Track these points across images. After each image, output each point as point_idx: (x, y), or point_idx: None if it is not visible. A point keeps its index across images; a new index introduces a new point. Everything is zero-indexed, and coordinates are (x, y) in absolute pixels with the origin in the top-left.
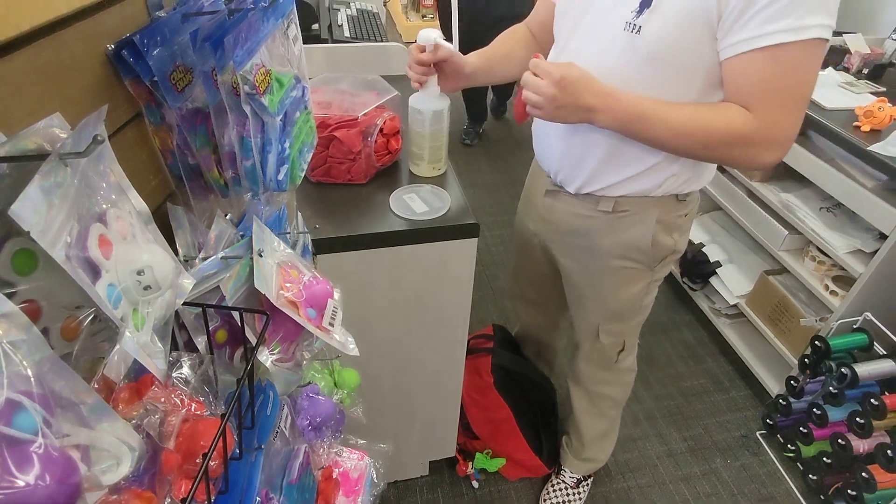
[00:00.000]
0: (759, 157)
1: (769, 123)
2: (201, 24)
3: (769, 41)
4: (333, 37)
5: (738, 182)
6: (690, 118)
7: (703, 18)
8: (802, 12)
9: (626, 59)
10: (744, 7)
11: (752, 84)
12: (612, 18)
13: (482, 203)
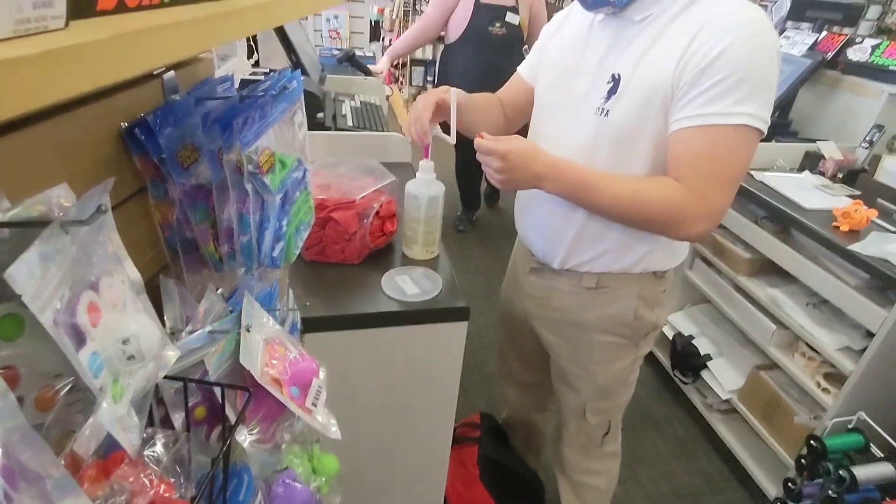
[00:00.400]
0: (689, 228)
1: (698, 196)
2: (213, 107)
3: (703, 121)
4: (337, 125)
5: (724, 276)
6: (628, 188)
7: (659, 98)
8: (735, 100)
9: (595, 138)
10: (688, 90)
11: (687, 157)
12: (584, 107)
13: (473, 288)
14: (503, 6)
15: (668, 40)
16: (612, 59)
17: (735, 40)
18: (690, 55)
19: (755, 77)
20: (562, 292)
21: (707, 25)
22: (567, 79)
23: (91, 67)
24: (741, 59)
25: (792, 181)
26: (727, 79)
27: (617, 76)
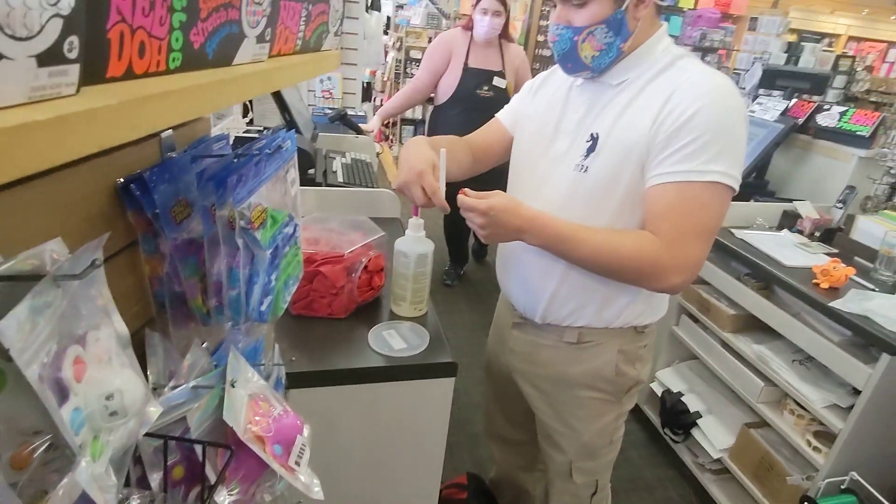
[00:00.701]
0: (666, 280)
1: (674, 249)
2: (208, 165)
3: (678, 178)
4: (328, 181)
5: (710, 332)
6: (605, 241)
7: (635, 155)
8: (707, 159)
9: (574, 191)
10: (663, 148)
11: (663, 211)
12: (564, 163)
13: (461, 343)
14: (491, 71)
15: (643, 103)
16: (591, 119)
17: (706, 104)
18: (665, 116)
19: (725, 138)
20: (544, 347)
21: (679, 89)
22: (547, 136)
23: (100, 131)
24: (712, 120)
25: (771, 239)
26: (699, 139)
27: (595, 135)
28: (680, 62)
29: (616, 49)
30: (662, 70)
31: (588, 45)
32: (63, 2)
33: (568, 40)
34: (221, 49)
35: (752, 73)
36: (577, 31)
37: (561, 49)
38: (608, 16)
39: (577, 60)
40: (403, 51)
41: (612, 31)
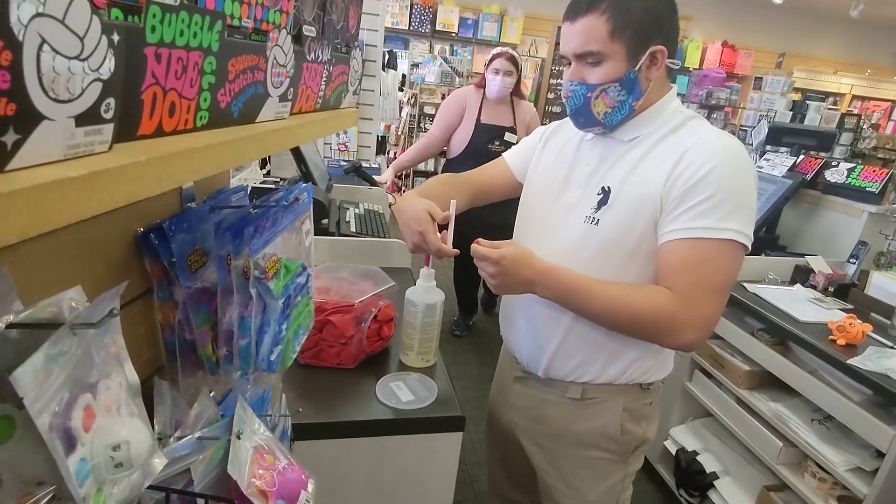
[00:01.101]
0: (681, 337)
1: (689, 305)
2: (226, 215)
3: (692, 234)
4: (340, 231)
5: (725, 388)
6: (619, 295)
7: (648, 211)
8: (720, 217)
9: (584, 244)
10: (676, 205)
11: (677, 267)
12: (574, 214)
13: (468, 396)
14: (502, 126)
15: (655, 160)
16: (602, 172)
17: (719, 163)
18: (678, 174)
19: (738, 197)
20: (546, 403)
21: (692, 149)
22: (556, 187)
23: (129, 185)
24: (725, 180)
25: (785, 294)
26: (713, 196)
27: (607, 188)
28: (690, 123)
29: (628, 107)
30: (674, 129)
31: (601, 102)
32: (104, 67)
33: (581, 96)
34: (246, 108)
35: (759, 130)
36: (590, 88)
37: (574, 104)
38: (622, 75)
39: (590, 116)
40: (417, 106)
41: (625, 89)
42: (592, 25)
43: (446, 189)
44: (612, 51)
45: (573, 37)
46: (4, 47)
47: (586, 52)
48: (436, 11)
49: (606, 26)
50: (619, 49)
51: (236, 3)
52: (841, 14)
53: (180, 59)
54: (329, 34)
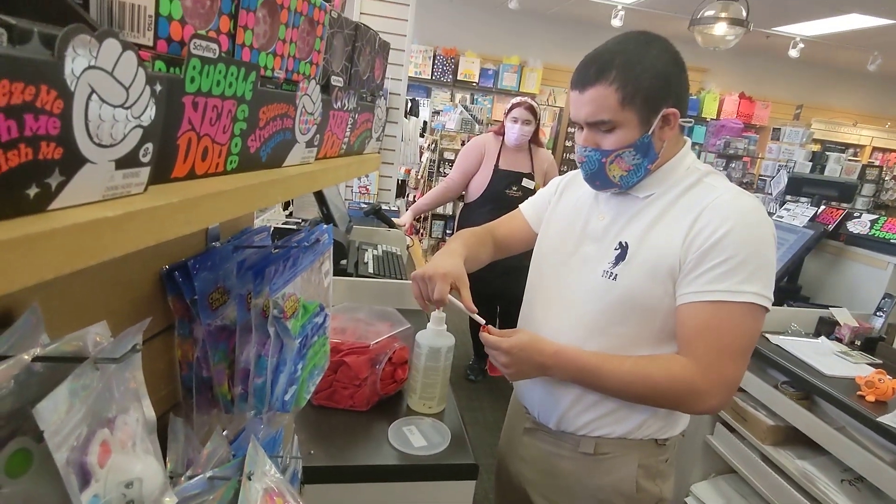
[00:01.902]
0: (703, 403)
1: (708, 370)
2: (248, 255)
3: (710, 297)
4: (358, 272)
5: (749, 444)
6: (632, 370)
7: (666, 270)
8: (740, 280)
9: (602, 298)
10: (694, 266)
11: (696, 330)
12: (591, 269)
13: (481, 443)
14: (520, 172)
15: (672, 219)
16: (619, 227)
17: (736, 224)
18: (696, 233)
19: (757, 259)
20: (558, 457)
21: (708, 208)
22: (572, 241)
23: (160, 226)
24: (743, 241)
25: (809, 346)
26: (732, 259)
27: (625, 244)
28: (707, 179)
29: (644, 169)
30: (690, 187)
31: (616, 167)
32: (146, 114)
33: (596, 162)
34: (274, 152)
35: (778, 180)
36: (605, 154)
37: (589, 169)
38: (635, 140)
39: (606, 179)
40: (438, 152)
41: (640, 153)
42: (602, 95)
43: (479, 246)
44: (624, 118)
45: (583, 106)
46: (57, 97)
47: (598, 122)
48: (457, 62)
49: (616, 95)
50: (630, 116)
51: (270, 55)
52: (858, 67)
53: (215, 107)
54: (355, 84)
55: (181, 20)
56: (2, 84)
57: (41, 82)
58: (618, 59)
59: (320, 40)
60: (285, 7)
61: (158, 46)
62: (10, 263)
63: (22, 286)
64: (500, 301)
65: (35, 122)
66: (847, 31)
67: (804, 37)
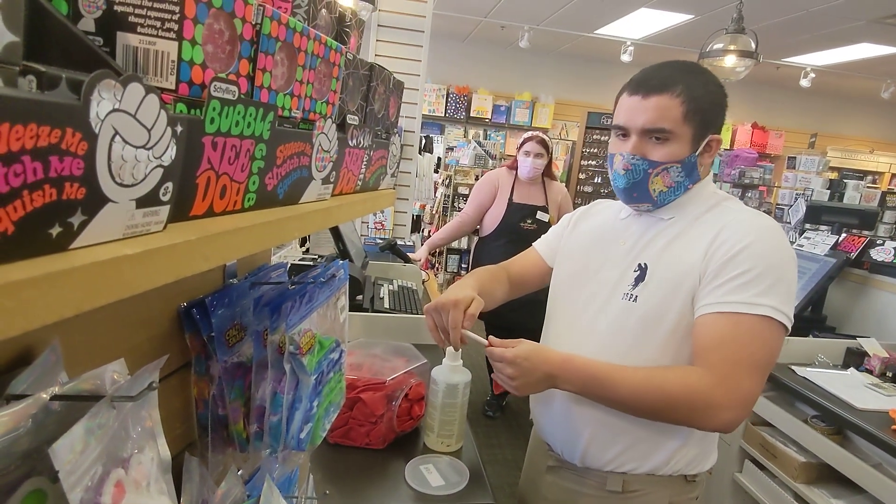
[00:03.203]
0: (718, 416)
1: (725, 381)
2: (265, 291)
3: (728, 308)
4: (374, 307)
5: (779, 481)
6: (646, 378)
7: (686, 286)
8: (757, 292)
9: (624, 321)
10: (713, 278)
11: (712, 341)
12: (612, 293)
13: (500, 482)
14: (534, 206)
15: (692, 236)
16: (639, 249)
17: (757, 239)
18: (716, 248)
19: (776, 273)
20: (583, 496)
21: (728, 225)
22: (593, 268)
23: (179, 263)
24: (763, 255)
25: (838, 378)
26: (750, 271)
27: (644, 265)
28: (725, 203)
29: (684, 188)
30: (710, 209)
31: (659, 180)
32: (166, 154)
33: (642, 171)
34: (291, 190)
35: (796, 209)
36: (652, 165)
37: (632, 179)
38: (685, 157)
39: (645, 192)
40: (452, 187)
41: (685, 171)
42: (667, 105)
43: (493, 282)
44: (682, 132)
45: (644, 112)
46: (82, 139)
47: (657, 129)
48: (470, 99)
49: (681, 108)
50: (687, 132)
51: (287, 96)
52: (872, 95)
53: (234, 146)
54: (370, 122)
55: (202, 64)
56: (29, 128)
57: (67, 125)
58: (683, 77)
59: (336, 81)
60: (302, 50)
61: (180, 90)
62: (32, 302)
63: (42, 324)
64: (516, 334)
65: (60, 163)
66: (858, 60)
67: (815, 66)
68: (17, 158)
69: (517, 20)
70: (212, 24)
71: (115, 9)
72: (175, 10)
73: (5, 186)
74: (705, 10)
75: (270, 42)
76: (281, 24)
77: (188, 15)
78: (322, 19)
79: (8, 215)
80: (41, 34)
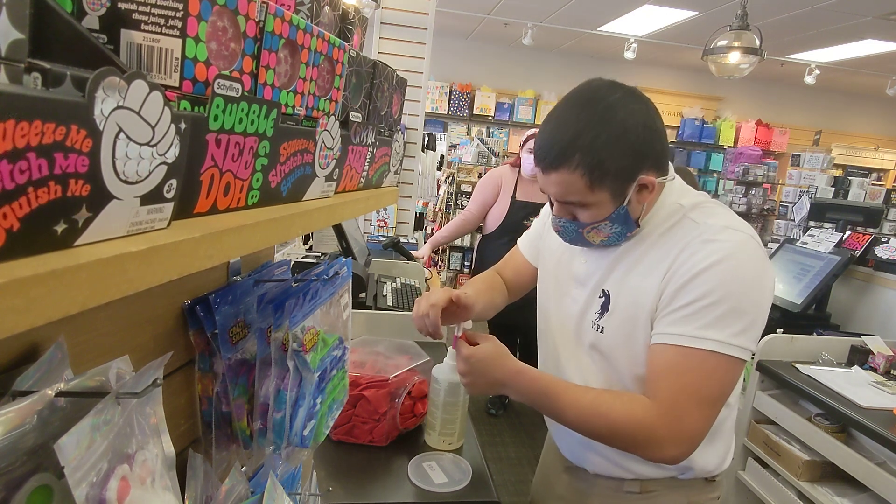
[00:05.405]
0: (661, 450)
1: (669, 415)
2: (269, 289)
3: (670, 340)
4: (377, 304)
5: (783, 480)
6: (592, 403)
7: (645, 314)
8: (702, 325)
9: (595, 350)
10: (666, 304)
11: (659, 373)
12: (581, 315)
13: (504, 479)
14: (537, 203)
15: (653, 258)
16: (601, 274)
17: (717, 261)
18: (673, 272)
19: (732, 301)
20: (600, 498)
21: (690, 243)
22: (564, 281)
23: (183, 260)
24: (721, 281)
25: (842, 376)
26: (701, 300)
27: (606, 292)
28: (691, 215)
29: (624, 236)
30: (674, 224)
31: (595, 235)
32: (170, 152)
33: (573, 231)
34: (295, 187)
35: (800, 206)
36: (580, 226)
37: (567, 237)
38: (611, 213)
39: (588, 243)
40: (455, 185)
41: (618, 223)
42: (568, 180)
43: (490, 290)
44: (595, 199)
45: (549, 185)
46: (87, 136)
47: (567, 202)
48: (473, 97)
49: (583, 180)
50: (601, 195)
51: (291, 93)
52: (877, 92)
53: (237, 143)
54: (374, 119)
55: (206, 62)
56: (34, 125)
57: (72, 122)
58: (581, 139)
59: (339, 78)
60: (306, 47)
61: (184, 87)
62: (37, 298)
63: (48, 321)
64: (519, 333)
65: (65, 160)
66: (863, 57)
67: (820, 63)
68: (23, 155)
69: (520, 17)
70: (215, 22)
71: (120, 6)
72: (179, 7)
73: (11, 183)
74: (709, 7)
75: (274, 39)
76: (284, 21)
77: (192, 12)
78: (325, 16)
79: (13, 212)
80: (46, 32)
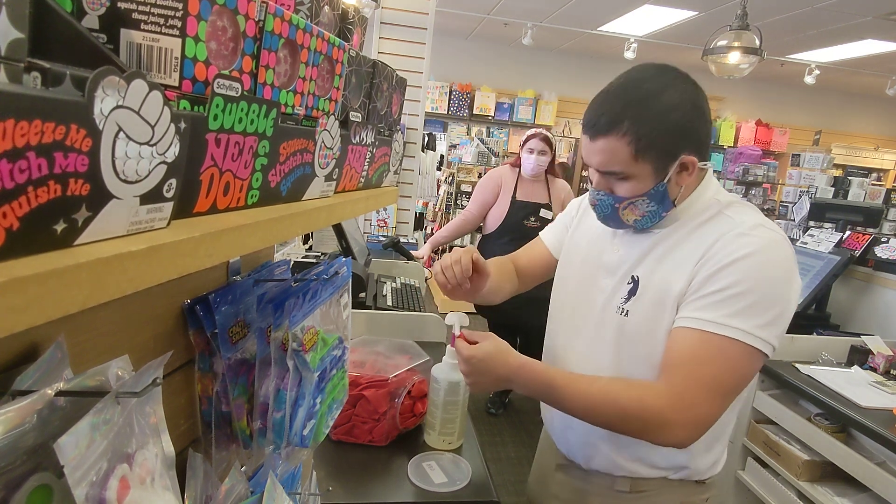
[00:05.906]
0: (670, 434)
1: (680, 401)
2: (268, 288)
3: (696, 325)
4: (377, 304)
5: (783, 480)
6: (602, 391)
7: (672, 298)
8: (729, 313)
9: (618, 336)
10: (695, 290)
11: (678, 357)
12: (607, 302)
13: (503, 479)
14: (537, 203)
15: (686, 250)
16: (632, 261)
17: (750, 253)
18: (706, 260)
19: (760, 293)
20: (592, 495)
21: (725, 235)
22: (590, 273)
23: (183, 259)
24: (749, 272)
25: (841, 376)
26: (730, 288)
27: (636, 278)
28: (727, 211)
29: (659, 216)
30: (710, 218)
31: (630, 212)
32: (170, 151)
33: (609, 206)
34: (294, 187)
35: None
36: (618, 200)
37: (602, 213)
38: (650, 189)
39: (620, 222)
40: (455, 185)
41: (655, 201)
42: (614, 147)
43: (500, 274)
44: (638, 170)
45: (594, 154)
46: (86, 135)
47: (609, 171)
48: (473, 97)
49: (628, 148)
50: (644, 167)
51: (290, 93)
52: (877, 92)
53: (237, 143)
54: (373, 119)
55: (206, 61)
56: (34, 124)
57: (71, 122)
58: (631, 110)
59: (339, 78)
60: (305, 47)
61: (184, 86)
62: (37, 297)
63: (47, 320)
64: (520, 332)
65: (64, 159)
66: (863, 57)
67: (820, 63)
68: (23, 155)
69: (520, 17)
70: (215, 21)
71: (119, 6)
72: (178, 6)
73: (10, 182)
74: (709, 7)
75: (273, 39)
76: (284, 20)
77: (191, 12)
78: (325, 16)
79: (13, 211)
80: (46, 31)
